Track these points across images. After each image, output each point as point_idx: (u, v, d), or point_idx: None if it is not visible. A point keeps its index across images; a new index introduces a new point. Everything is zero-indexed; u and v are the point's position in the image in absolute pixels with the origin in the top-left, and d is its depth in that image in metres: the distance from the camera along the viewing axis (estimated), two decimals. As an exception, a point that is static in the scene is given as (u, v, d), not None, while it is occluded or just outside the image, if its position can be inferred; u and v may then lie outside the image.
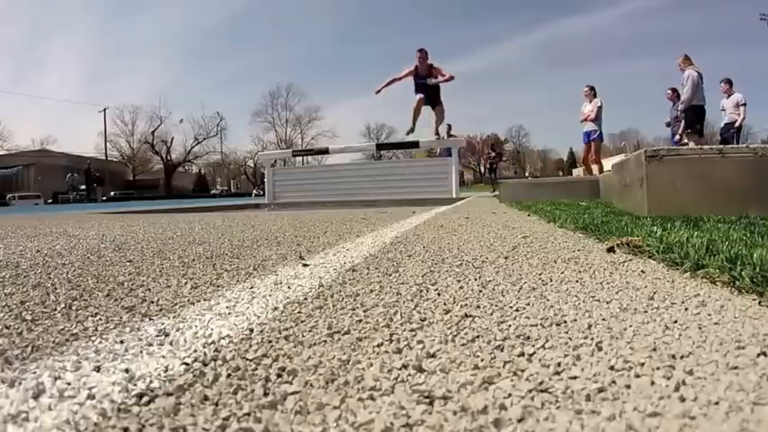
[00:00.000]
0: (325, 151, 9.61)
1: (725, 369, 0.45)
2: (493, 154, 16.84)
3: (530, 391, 0.42)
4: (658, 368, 0.46)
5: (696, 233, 1.31)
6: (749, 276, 0.78)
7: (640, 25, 74.29)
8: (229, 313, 0.69)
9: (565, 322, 0.62)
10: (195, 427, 0.37)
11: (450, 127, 8.77)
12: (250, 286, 0.88)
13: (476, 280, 0.90)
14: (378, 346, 0.54)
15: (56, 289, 0.88)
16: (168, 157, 50.29)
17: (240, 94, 77.34)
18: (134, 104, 52.56)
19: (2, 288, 0.88)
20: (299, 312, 0.69)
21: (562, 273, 0.96)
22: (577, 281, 0.88)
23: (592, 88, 7.93)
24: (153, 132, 48.36)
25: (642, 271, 0.96)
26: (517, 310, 0.68)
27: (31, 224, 2.91)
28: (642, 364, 0.47)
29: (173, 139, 50.59)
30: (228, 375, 0.46)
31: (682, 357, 0.48)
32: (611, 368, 0.46)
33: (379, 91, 6.71)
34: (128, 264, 1.15)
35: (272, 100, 55.14)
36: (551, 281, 0.88)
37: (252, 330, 0.61)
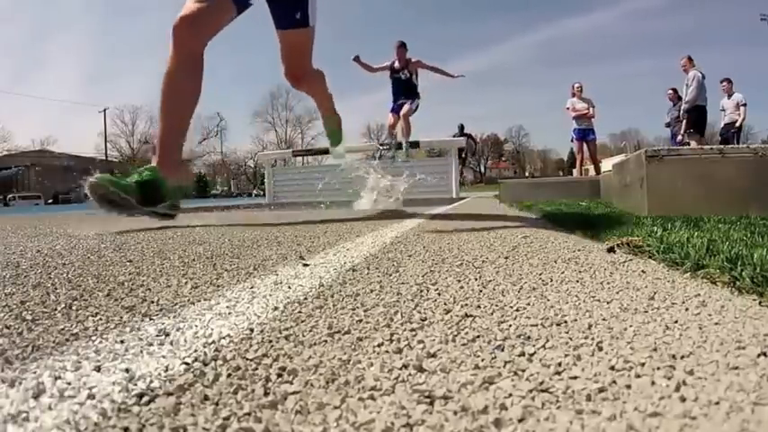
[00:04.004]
0: (326, 151, 9.59)
1: (725, 369, 0.45)
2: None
3: (530, 390, 0.42)
4: (659, 368, 0.46)
5: (696, 233, 1.31)
6: (749, 276, 0.78)
7: (640, 25, 74.23)
8: (230, 313, 0.69)
9: (565, 322, 0.62)
10: (195, 427, 0.37)
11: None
12: (250, 286, 0.88)
13: (476, 280, 0.90)
14: (378, 345, 0.54)
15: (56, 289, 0.88)
16: (168, 158, 50.15)
17: (240, 94, 77.24)
18: (134, 104, 52.65)
19: (2, 288, 0.88)
20: (300, 312, 0.69)
21: (562, 273, 0.96)
22: (578, 281, 0.88)
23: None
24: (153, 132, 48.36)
25: (642, 271, 0.96)
26: (517, 310, 0.68)
27: (32, 224, 2.91)
28: (643, 365, 0.47)
29: (173, 139, 50.48)
30: (229, 375, 0.46)
31: (682, 357, 0.48)
32: (612, 368, 0.46)
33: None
34: (128, 264, 1.15)
35: (272, 100, 55.22)
36: (551, 281, 0.88)
37: (252, 330, 0.61)
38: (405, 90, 6.29)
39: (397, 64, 6.17)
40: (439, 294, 0.79)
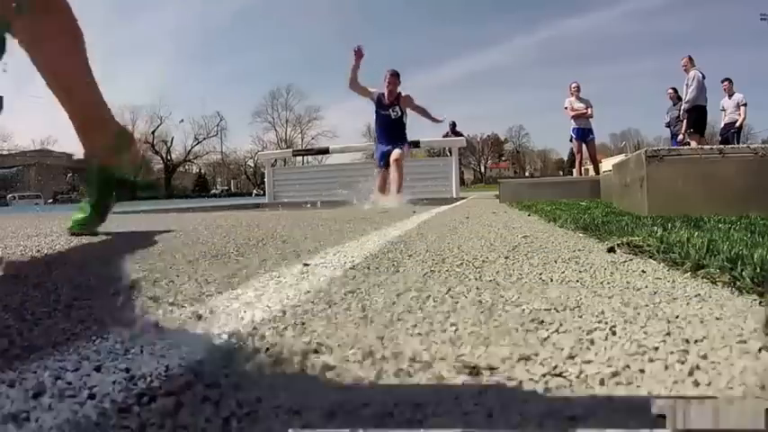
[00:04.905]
0: (326, 151, 9.64)
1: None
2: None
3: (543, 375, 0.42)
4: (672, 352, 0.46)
5: (696, 233, 1.31)
6: (749, 276, 0.78)
7: (640, 25, 74.22)
8: (230, 312, 0.69)
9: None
10: (196, 427, 0.37)
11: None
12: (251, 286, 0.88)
13: (476, 279, 0.90)
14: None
15: (56, 288, 0.87)
16: (168, 157, 50.44)
17: (240, 94, 77.28)
18: (134, 104, 52.55)
19: (3, 288, 0.88)
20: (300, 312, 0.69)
21: (563, 272, 0.96)
22: (578, 280, 0.88)
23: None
24: (153, 132, 48.45)
25: (642, 271, 0.96)
26: (517, 306, 0.68)
27: (32, 224, 2.91)
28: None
29: (173, 139, 50.83)
30: (227, 375, 0.46)
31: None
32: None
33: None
34: (128, 264, 1.15)
35: (272, 100, 55.33)
36: (552, 281, 0.88)
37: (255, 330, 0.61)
38: (395, 131, 5.23)
39: (386, 99, 5.14)
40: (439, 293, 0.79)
